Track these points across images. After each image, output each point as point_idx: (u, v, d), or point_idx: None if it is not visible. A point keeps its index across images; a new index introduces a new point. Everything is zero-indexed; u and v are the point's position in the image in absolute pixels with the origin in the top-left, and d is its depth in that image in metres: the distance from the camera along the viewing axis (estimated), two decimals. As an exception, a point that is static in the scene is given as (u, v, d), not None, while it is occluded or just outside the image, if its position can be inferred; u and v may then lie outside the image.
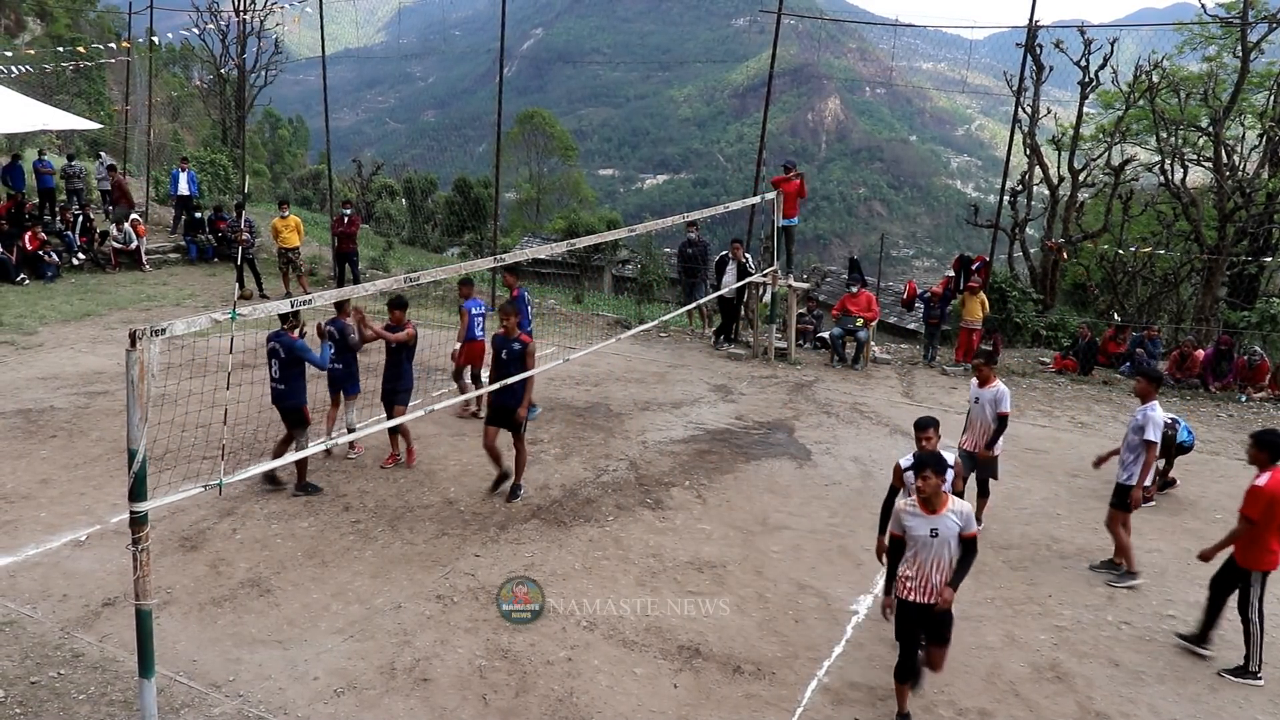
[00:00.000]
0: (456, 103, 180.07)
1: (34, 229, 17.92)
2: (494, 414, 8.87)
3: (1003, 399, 8.52)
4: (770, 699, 6.19)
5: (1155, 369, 7.87)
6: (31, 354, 13.23)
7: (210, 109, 33.88)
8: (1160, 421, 7.74)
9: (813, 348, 16.11)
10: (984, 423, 8.60)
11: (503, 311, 9.09)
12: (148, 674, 5.35)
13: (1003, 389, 8.59)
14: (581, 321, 17.61)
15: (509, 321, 8.83)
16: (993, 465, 8.76)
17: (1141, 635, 7.15)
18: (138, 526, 5.14)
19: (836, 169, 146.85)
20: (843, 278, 22.40)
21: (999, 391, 8.54)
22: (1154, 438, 7.66)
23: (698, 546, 8.30)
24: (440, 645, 6.61)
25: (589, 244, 11.03)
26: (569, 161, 59.40)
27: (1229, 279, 19.45)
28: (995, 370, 8.89)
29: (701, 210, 14.74)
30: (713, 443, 10.98)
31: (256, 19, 26.96)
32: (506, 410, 8.77)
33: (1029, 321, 17.08)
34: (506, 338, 8.80)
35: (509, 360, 8.73)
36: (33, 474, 9.16)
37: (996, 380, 8.67)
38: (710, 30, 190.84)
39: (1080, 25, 18.53)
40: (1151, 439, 7.65)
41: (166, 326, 5.02)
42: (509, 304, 9.76)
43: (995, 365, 9.07)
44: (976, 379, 8.77)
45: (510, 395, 8.66)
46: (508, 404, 8.72)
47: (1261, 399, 13.80)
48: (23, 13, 38.62)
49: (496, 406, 8.80)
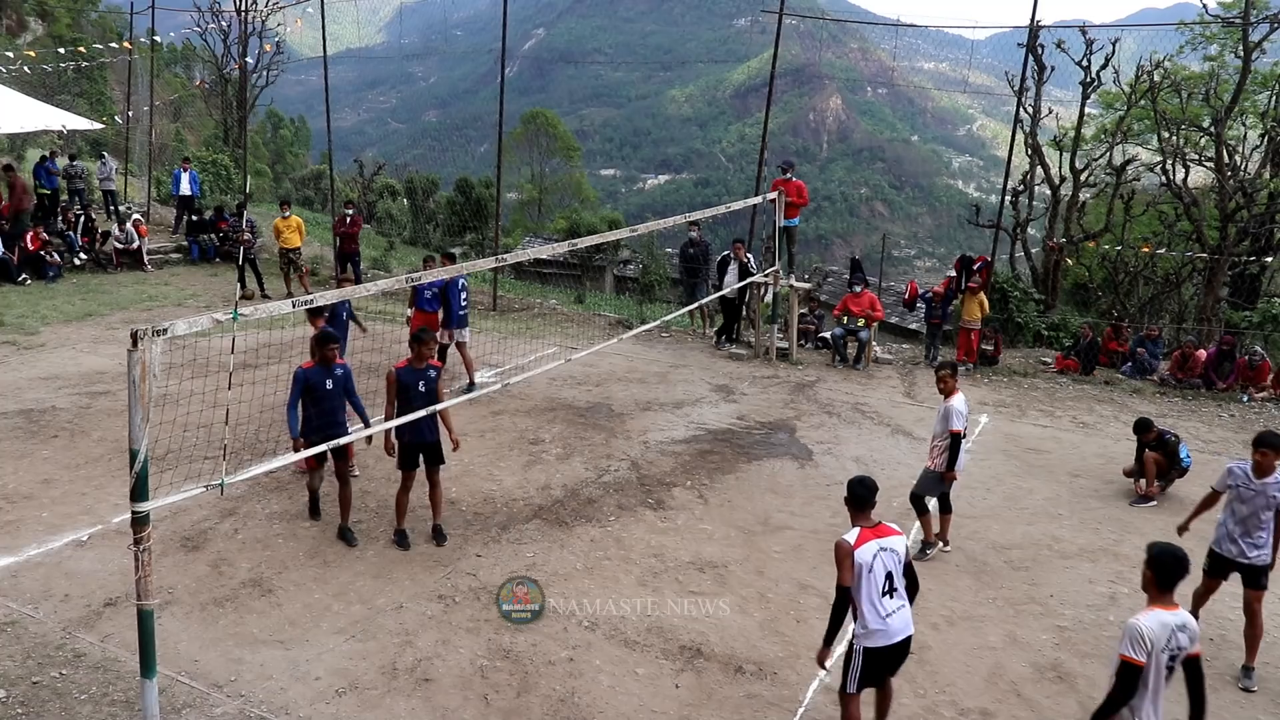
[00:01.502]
0: (458, 103, 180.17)
1: (36, 229, 17.94)
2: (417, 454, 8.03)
3: (952, 414, 7.94)
4: (772, 699, 6.19)
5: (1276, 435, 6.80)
6: (33, 354, 13.24)
7: (212, 109, 33.90)
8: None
9: (814, 348, 16.11)
10: (939, 438, 8.12)
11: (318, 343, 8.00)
12: (149, 674, 5.35)
13: (953, 405, 7.96)
14: (583, 321, 17.61)
15: (425, 350, 7.96)
16: (933, 482, 8.20)
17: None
18: (139, 526, 5.14)
19: (838, 169, 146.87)
20: (844, 278, 22.38)
21: (948, 407, 7.98)
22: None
23: (699, 546, 8.30)
24: (442, 645, 6.61)
25: (591, 244, 11.04)
26: (571, 162, 59.42)
27: (1230, 279, 19.42)
28: (956, 379, 8.18)
29: (703, 210, 14.74)
30: (714, 443, 10.98)
31: (258, 19, 26.98)
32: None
33: (1030, 321, 17.06)
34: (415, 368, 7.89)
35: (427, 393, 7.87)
36: (34, 474, 9.17)
37: (958, 392, 8.09)
38: (712, 30, 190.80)
39: (1082, 25, 18.48)
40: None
41: (168, 327, 5.03)
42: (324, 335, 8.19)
43: (956, 374, 8.21)
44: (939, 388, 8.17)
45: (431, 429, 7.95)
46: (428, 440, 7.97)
47: (1263, 399, 13.78)
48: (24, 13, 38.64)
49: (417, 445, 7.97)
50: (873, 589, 5.25)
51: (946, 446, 8.06)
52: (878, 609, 5.25)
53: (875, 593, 5.25)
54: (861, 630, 5.29)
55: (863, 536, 5.32)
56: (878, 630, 5.26)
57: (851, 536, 5.32)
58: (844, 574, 5.23)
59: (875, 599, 5.25)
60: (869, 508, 5.49)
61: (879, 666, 5.39)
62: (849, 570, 5.22)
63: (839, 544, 5.31)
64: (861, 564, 5.23)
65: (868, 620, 5.26)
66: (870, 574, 5.24)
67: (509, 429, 11.08)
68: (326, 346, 7.88)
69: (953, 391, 8.10)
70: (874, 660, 5.33)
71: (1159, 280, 21.60)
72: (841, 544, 5.30)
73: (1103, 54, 18.25)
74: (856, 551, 5.24)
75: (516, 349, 14.62)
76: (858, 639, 5.32)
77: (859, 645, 5.32)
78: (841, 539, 5.33)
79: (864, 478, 5.62)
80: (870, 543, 5.31)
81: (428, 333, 8.12)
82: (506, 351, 14.59)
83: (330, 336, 7.98)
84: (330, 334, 8.03)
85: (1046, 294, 18.60)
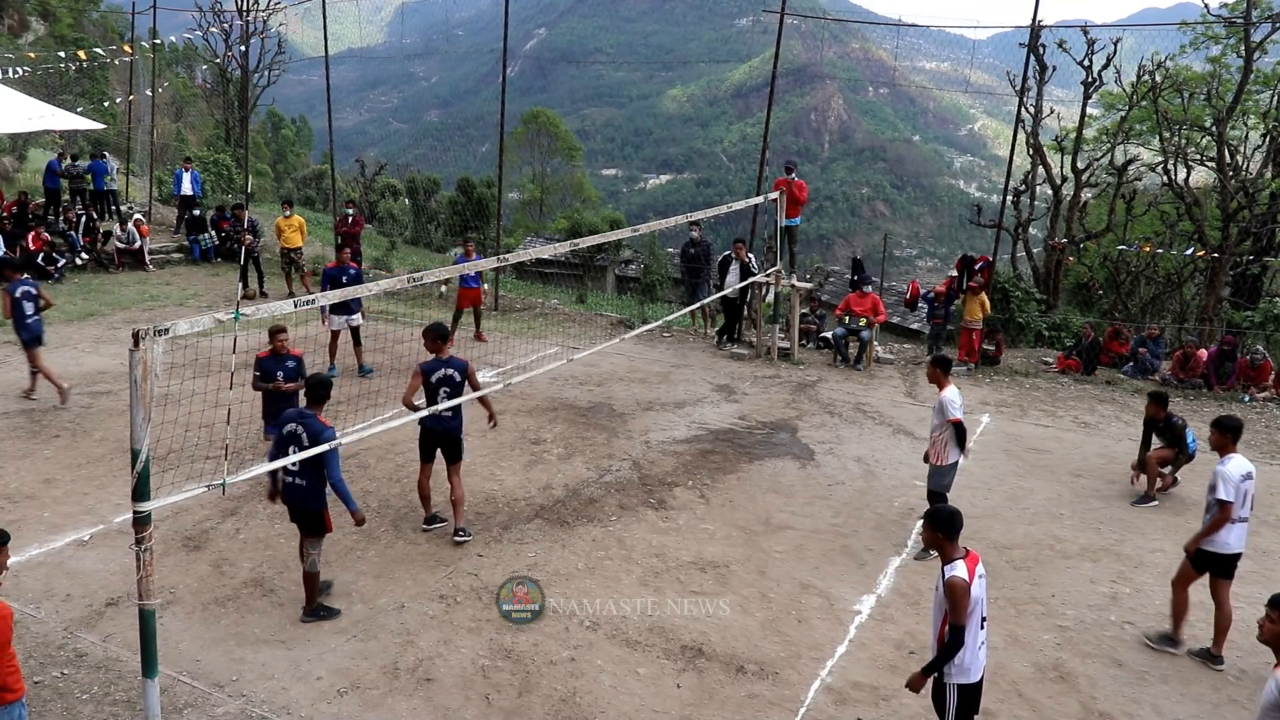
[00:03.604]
0: (459, 103, 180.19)
1: (38, 229, 17.95)
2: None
3: (947, 406, 8.02)
4: (773, 699, 6.19)
5: (1234, 418, 6.86)
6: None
7: (213, 109, 33.91)
8: (1233, 476, 6.59)
9: (815, 348, 16.10)
10: (937, 429, 8.18)
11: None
12: (151, 674, 5.36)
13: (946, 396, 8.06)
14: (585, 321, 17.61)
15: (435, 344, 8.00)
16: (939, 476, 8.27)
17: (1145, 635, 7.13)
18: (141, 526, 5.15)
19: (840, 169, 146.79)
20: (846, 278, 22.39)
21: (941, 399, 8.08)
22: (1227, 496, 6.51)
23: (701, 546, 8.30)
24: (443, 645, 6.61)
25: (592, 244, 11.05)
26: (573, 161, 59.39)
27: (1232, 279, 19.42)
28: (942, 371, 8.26)
29: (704, 210, 14.73)
30: (716, 443, 10.98)
31: (259, 19, 26.98)
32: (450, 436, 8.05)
33: (1032, 321, 17.05)
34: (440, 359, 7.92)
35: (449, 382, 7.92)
36: (36, 474, 9.18)
37: (949, 384, 8.20)
38: (713, 30, 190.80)
39: (1083, 25, 18.48)
40: (1224, 498, 6.52)
41: (170, 326, 5.03)
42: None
43: (941, 367, 8.30)
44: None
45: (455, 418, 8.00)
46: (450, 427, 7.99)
47: (1264, 399, 13.77)
48: (26, 13, 38.65)
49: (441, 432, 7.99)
50: (975, 622, 4.92)
51: (949, 439, 8.10)
52: (975, 641, 4.93)
53: (976, 625, 4.93)
54: (957, 664, 4.92)
55: (971, 569, 4.88)
56: (970, 665, 4.94)
57: (962, 571, 4.84)
58: (960, 613, 4.80)
59: (975, 632, 4.93)
60: (958, 535, 5.03)
61: (971, 704, 5.06)
62: (965, 609, 4.80)
63: (955, 583, 4.80)
64: (975, 599, 4.87)
65: (964, 654, 4.88)
66: (979, 605, 4.93)
67: (511, 429, 11.08)
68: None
69: (943, 383, 8.16)
70: (968, 697, 5.02)
71: (1160, 280, 21.59)
72: (959, 582, 4.80)
73: (1104, 54, 18.26)
74: (972, 586, 4.85)
75: (518, 349, 14.64)
76: (952, 675, 4.95)
77: (952, 682, 4.96)
78: (955, 576, 4.82)
79: (952, 508, 5.16)
80: (978, 573, 4.95)
81: (441, 327, 8.16)
82: (508, 351, 14.60)
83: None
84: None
85: (1048, 294, 18.60)
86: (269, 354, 9.10)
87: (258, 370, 9.14)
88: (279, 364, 9.07)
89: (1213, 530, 6.62)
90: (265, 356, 9.10)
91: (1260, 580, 8.07)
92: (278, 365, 9.06)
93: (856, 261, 17.86)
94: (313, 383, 6.94)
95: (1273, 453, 11.66)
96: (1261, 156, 18.86)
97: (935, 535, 4.99)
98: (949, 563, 4.91)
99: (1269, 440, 12.14)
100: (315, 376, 7.13)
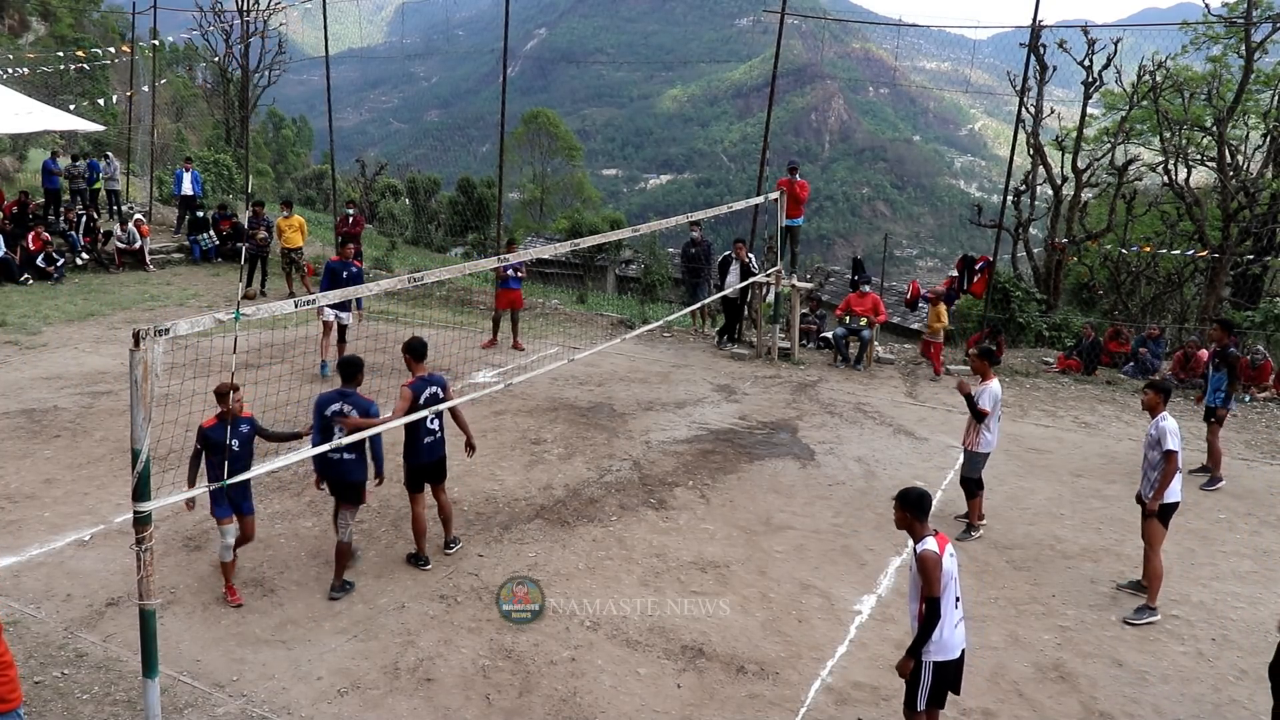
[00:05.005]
0: (460, 103, 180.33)
1: (38, 229, 17.96)
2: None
3: (984, 397, 8.52)
4: (774, 699, 6.19)
5: (1165, 380, 7.67)
6: (35, 354, 13.26)
7: (214, 109, 33.94)
8: (1175, 429, 7.35)
9: (816, 348, 16.10)
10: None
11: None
12: (151, 674, 5.36)
13: (991, 387, 8.57)
14: (585, 322, 17.61)
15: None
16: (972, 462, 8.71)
17: (1145, 635, 7.14)
18: (141, 526, 5.15)
19: (840, 169, 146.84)
20: (846, 278, 22.39)
21: (984, 390, 8.58)
22: (1174, 446, 7.24)
23: (701, 546, 8.30)
24: (444, 645, 6.61)
25: (593, 244, 11.05)
26: (573, 161, 59.41)
27: (1233, 279, 19.42)
28: (986, 363, 8.87)
29: (705, 210, 14.73)
30: (716, 443, 10.98)
31: (260, 19, 27.00)
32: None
33: (1032, 321, 17.05)
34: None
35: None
36: (37, 474, 9.18)
37: (993, 378, 8.73)
38: (714, 30, 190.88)
39: (1084, 25, 18.46)
40: (1172, 449, 7.24)
41: (170, 326, 5.03)
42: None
43: (986, 358, 8.93)
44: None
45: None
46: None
47: (1265, 399, 13.76)
48: (26, 13, 38.68)
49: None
50: (950, 599, 5.07)
51: (982, 426, 8.51)
52: (950, 618, 5.08)
53: (950, 603, 5.07)
54: (935, 640, 5.06)
55: (941, 545, 5.08)
56: (946, 642, 5.08)
57: (934, 545, 5.06)
58: (934, 585, 4.99)
59: (950, 609, 5.07)
60: (928, 515, 5.23)
61: (946, 682, 5.19)
62: (938, 581, 4.99)
63: (927, 555, 5.01)
64: (947, 573, 5.04)
65: (941, 630, 5.05)
66: (952, 583, 5.08)
67: (511, 429, 11.08)
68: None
69: (987, 375, 8.65)
70: (942, 675, 5.14)
71: (1161, 280, 21.58)
72: (930, 555, 5.01)
73: (1104, 54, 18.25)
74: (944, 560, 5.03)
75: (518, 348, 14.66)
76: (926, 653, 5.08)
77: (927, 659, 5.09)
78: (927, 550, 5.03)
79: (921, 489, 5.28)
80: (948, 551, 5.11)
81: (421, 343, 7.83)
82: (508, 351, 14.62)
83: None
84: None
85: (1048, 294, 18.59)
86: (214, 422, 6.80)
87: (200, 443, 6.83)
88: (232, 432, 6.71)
89: (1169, 481, 7.27)
90: (211, 425, 6.78)
91: (1261, 580, 8.08)
92: (230, 434, 6.69)
93: (857, 261, 17.88)
94: (345, 364, 7.41)
95: (1273, 453, 11.65)
96: (1262, 156, 18.84)
97: (905, 515, 5.20)
98: (919, 540, 5.13)
99: (1269, 440, 12.13)
100: (348, 358, 7.52)
